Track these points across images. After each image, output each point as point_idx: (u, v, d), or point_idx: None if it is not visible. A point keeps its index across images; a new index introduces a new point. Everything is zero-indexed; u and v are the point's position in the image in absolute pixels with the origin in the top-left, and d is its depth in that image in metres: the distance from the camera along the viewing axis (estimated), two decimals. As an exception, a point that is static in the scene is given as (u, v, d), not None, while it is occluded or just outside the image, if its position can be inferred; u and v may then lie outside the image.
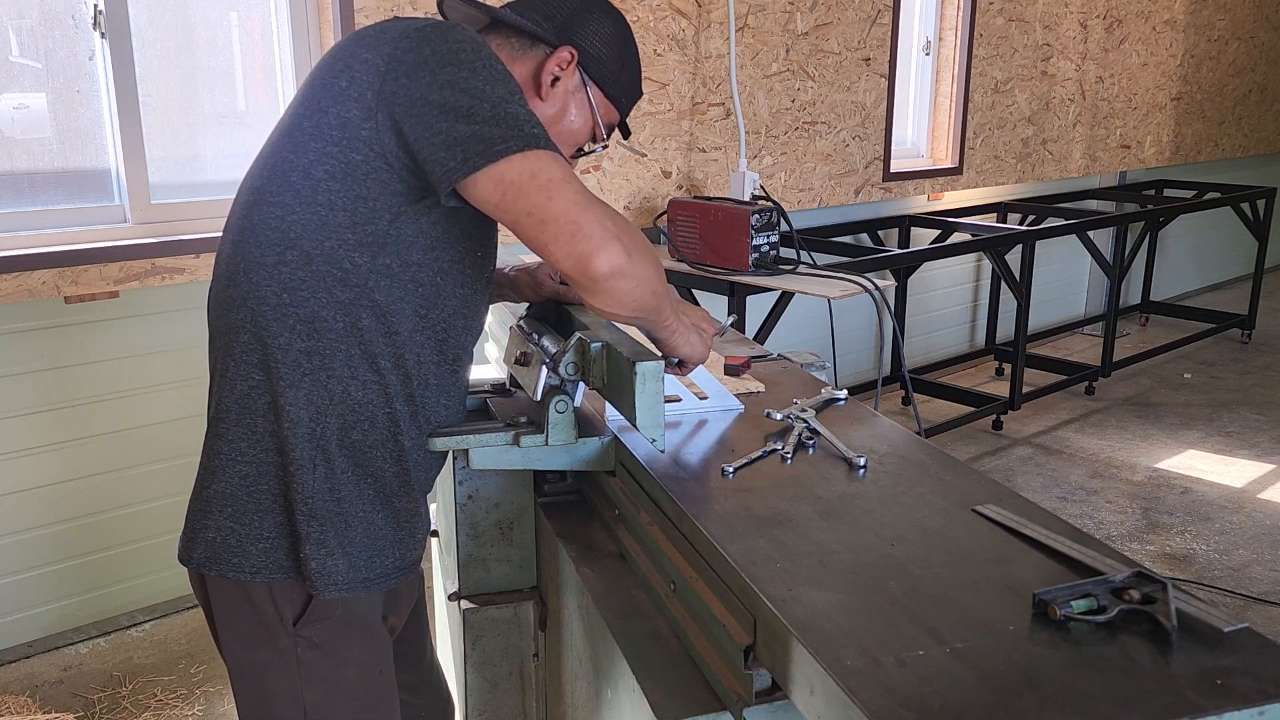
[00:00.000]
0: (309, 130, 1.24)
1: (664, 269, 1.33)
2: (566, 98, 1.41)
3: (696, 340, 1.44)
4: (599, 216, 1.20)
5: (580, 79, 1.41)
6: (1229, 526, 3.85)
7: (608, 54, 1.42)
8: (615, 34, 1.44)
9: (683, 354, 1.44)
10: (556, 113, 1.41)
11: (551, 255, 1.20)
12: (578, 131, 1.44)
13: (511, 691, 1.77)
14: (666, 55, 3.92)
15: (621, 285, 1.22)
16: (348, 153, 1.22)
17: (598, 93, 1.43)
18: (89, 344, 2.92)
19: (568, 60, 1.39)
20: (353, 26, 3.09)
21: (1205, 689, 0.87)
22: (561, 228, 1.19)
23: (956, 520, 1.22)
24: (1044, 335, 6.33)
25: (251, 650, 1.33)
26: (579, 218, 1.19)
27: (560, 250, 1.19)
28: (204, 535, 1.30)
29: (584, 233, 1.19)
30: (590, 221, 1.19)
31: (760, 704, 1.08)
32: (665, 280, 1.32)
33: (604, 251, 1.19)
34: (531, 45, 1.39)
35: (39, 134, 2.83)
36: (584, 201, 1.20)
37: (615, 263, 1.20)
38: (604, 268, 1.20)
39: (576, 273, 1.21)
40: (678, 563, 1.29)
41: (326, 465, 1.27)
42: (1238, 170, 7.83)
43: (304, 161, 1.24)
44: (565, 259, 1.20)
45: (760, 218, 3.44)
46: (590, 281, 1.21)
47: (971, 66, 5.25)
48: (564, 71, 1.39)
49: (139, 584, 3.12)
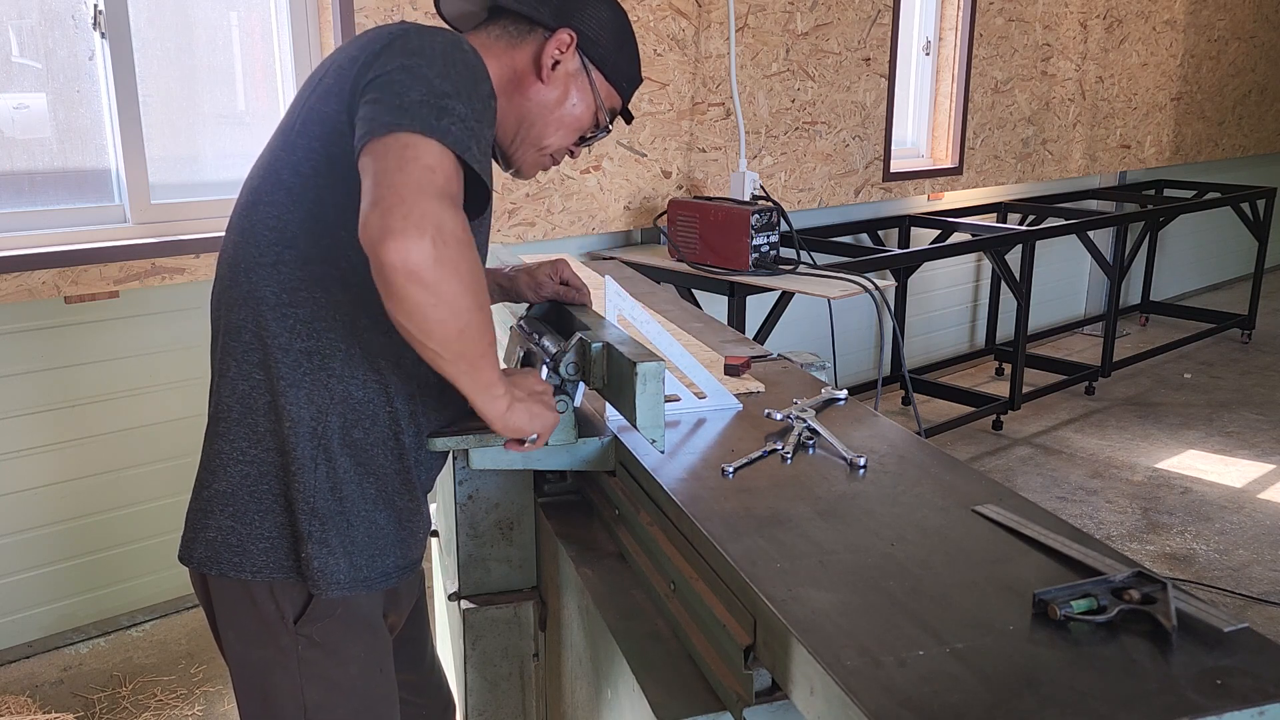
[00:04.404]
0: (299, 129, 1.26)
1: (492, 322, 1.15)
2: (568, 81, 1.40)
3: (539, 409, 1.27)
4: (436, 213, 1.05)
5: (581, 62, 1.41)
6: (1229, 526, 3.85)
7: (606, 37, 1.42)
8: (612, 18, 1.43)
9: (525, 428, 1.25)
10: (559, 96, 1.40)
11: (362, 217, 1.06)
12: (580, 116, 1.43)
13: (511, 691, 1.77)
14: (666, 55, 3.92)
15: (413, 291, 1.05)
16: (329, 148, 1.22)
17: (599, 76, 1.42)
18: (89, 344, 2.92)
19: (567, 43, 1.38)
20: (353, 26, 3.09)
21: (1205, 689, 0.87)
22: (386, 194, 1.05)
23: (956, 520, 1.22)
24: (1044, 335, 6.33)
25: (253, 649, 1.33)
26: (412, 196, 1.05)
27: (370, 215, 1.05)
28: (205, 535, 1.31)
29: (402, 211, 1.04)
30: (419, 207, 1.04)
31: (760, 704, 1.08)
32: (486, 328, 1.14)
33: (406, 238, 1.03)
34: (530, 30, 1.39)
35: (39, 134, 2.83)
36: (432, 192, 1.06)
37: (412, 259, 1.03)
38: (394, 257, 1.03)
39: (368, 243, 1.05)
40: (678, 563, 1.29)
41: (328, 464, 1.27)
42: (1238, 170, 7.83)
43: (294, 160, 1.25)
44: (366, 225, 1.05)
45: (760, 218, 3.44)
46: (378, 264, 1.05)
47: (971, 66, 5.25)
48: (564, 54, 1.39)
49: (139, 584, 3.12)
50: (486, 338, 1.15)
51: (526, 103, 1.39)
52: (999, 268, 4.58)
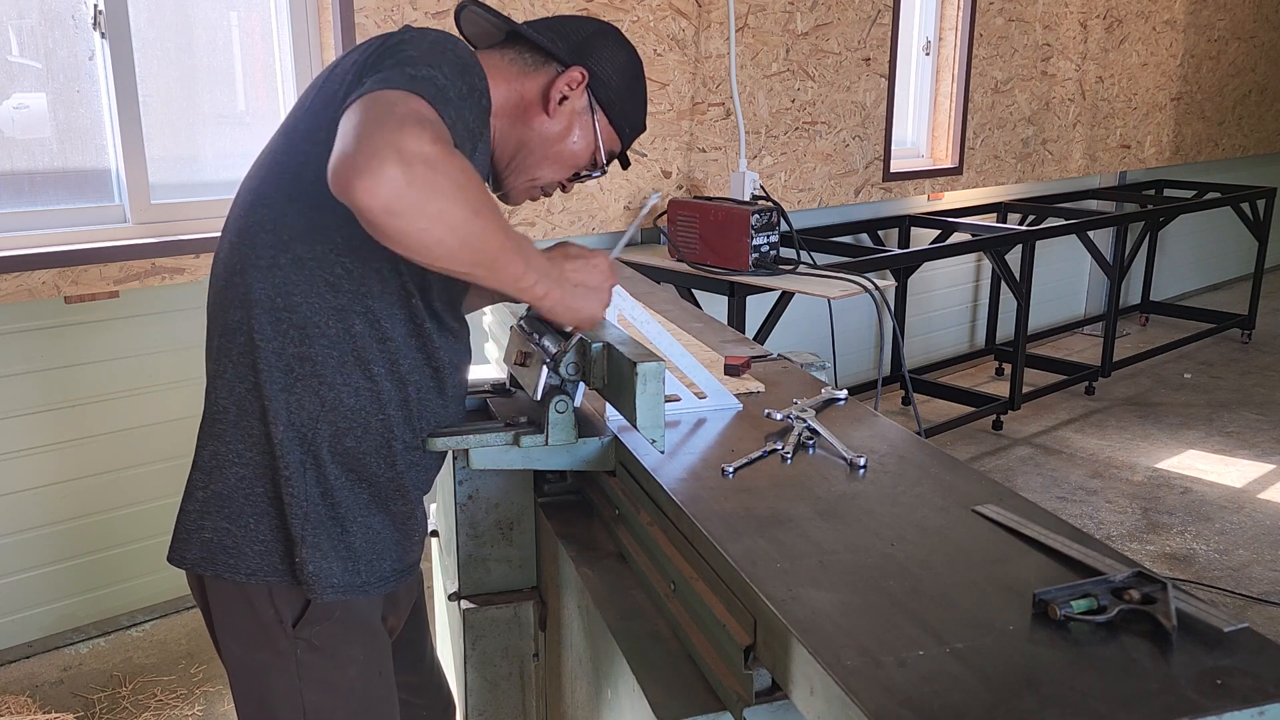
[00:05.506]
0: (302, 132, 1.26)
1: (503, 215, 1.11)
2: (572, 118, 1.41)
3: (576, 302, 1.28)
4: (393, 139, 0.99)
5: (588, 102, 1.42)
6: (1229, 526, 3.85)
7: (618, 81, 1.43)
8: (627, 64, 1.45)
9: (566, 318, 1.28)
10: (561, 131, 1.41)
11: (328, 172, 1.03)
12: (578, 153, 1.44)
13: (511, 691, 1.77)
14: (666, 55, 3.92)
15: (398, 224, 1.01)
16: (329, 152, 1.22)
17: (603, 118, 1.44)
18: (89, 344, 2.92)
19: (578, 81, 1.40)
20: (353, 27, 3.09)
21: (1205, 689, 0.87)
22: (343, 142, 1.01)
23: (956, 520, 1.22)
24: (1044, 335, 6.33)
25: (251, 652, 1.33)
26: (366, 133, 1.00)
27: (330, 166, 1.01)
28: (200, 536, 1.30)
29: (357, 149, 0.99)
30: (374, 140, 0.99)
31: (760, 704, 1.08)
32: (497, 227, 1.10)
33: (369, 175, 0.98)
34: (545, 62, 1.40)
35: (39, 134, 2.83)
36: (392, 124, 1.01)
37: (382, 193, 0.98)
38: (363, 198, 0.99)
39: (340, 197, 1.01)
40: (678, 563, 1.29)
41: (318, 471, 1.26)
42: (1238, 170, 7.83)
43: (295, 164, 1.25)
44: (331, 179, 1.01)
45: (760, 218, 3.44)
46: (356, 214, 1.02)
47: (971, 66, 5.25)
48: (573, 91, 1.40)
49: (139, 584, 3.12)
50: (495, 238, 1.10)
51: (528, 131, 1.40)
52: (999, 268, 4.59)
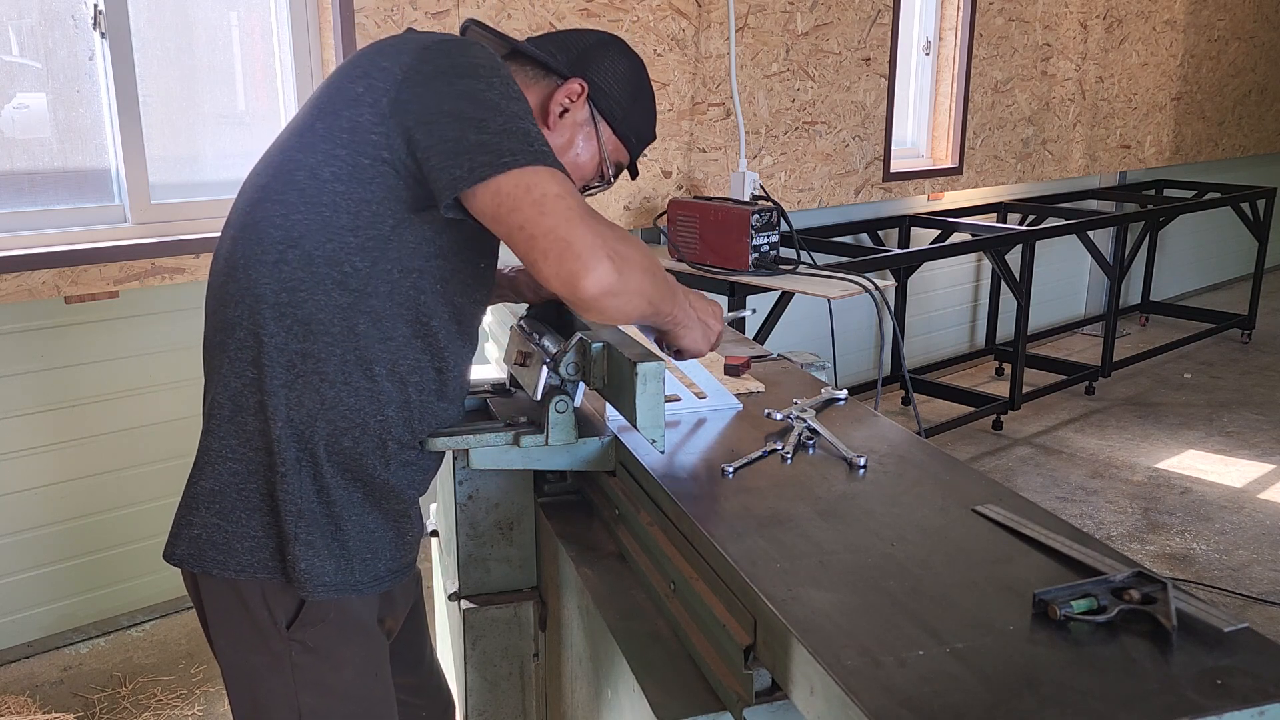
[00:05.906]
0: (320, 132, 1.25)
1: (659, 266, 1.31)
2: (574, 130, 1.42)
3: (699, 335, 1.43)
4: (590, 232, 1.18)
5: (590, 113, 1.42)
6: (1229, 526, 3.85)
7: (619, 91, 1.43)
8: (629, 73, 1.45)
9: (682, 345, 1.44)
10: (563, 144, 1.41)
11: (541, 273, 1.18)
12: (584, 166, 1.44)
13: (511, 691, 1.77)
14: (666, 55, 3.92)
15: (612, 303, 1.20)
16: (356, 156, 1.22)
17: (607, 129, 1.44)
18: (89, 344, 2.92)
19: (577, 92, 1.40)
20: (353, 27, 3.09)
21: (1205, 689, 0.87)
22: (550, 244, 1.17)
23: (956, 520, 1.22)
24: (1044, 335, 6.33)
25: (245, 654, 1.32)
26: (568, 234, 1.16)
27: (549, 269, 1.17)
28: (189, 531, 1.30)
29: (573, 251, 1.16)
30: (580, 239, 1.17)
31: (760, 704, 1.08)
32: (664, 280, 1.30)
33: (592, 272, 1.17)
34: (544, 76, 1.41)
35: (39, 134, 2.83)
36: (576, 218, 1.18)
37: (604, 283, 1.18)
38: (592, 289, 1.18)
39: (566, 292, 1.19)
40: (678, 563, 1.29)
41: (314, 469, 1.26)
42: (1238, 170, 7.83)
43: (312, 162, 1.24)
44: (554, 278, 1.18)
45: (760, 218, 3.44)
46: (580, 301, 1.19)
47: (971, 66, 5.25)
48: (573, 103, 1.40)
49: (139, 584, 3.12)
50: (667, 291, 1.32)
51: None
52: (999, 268, 4.59)
